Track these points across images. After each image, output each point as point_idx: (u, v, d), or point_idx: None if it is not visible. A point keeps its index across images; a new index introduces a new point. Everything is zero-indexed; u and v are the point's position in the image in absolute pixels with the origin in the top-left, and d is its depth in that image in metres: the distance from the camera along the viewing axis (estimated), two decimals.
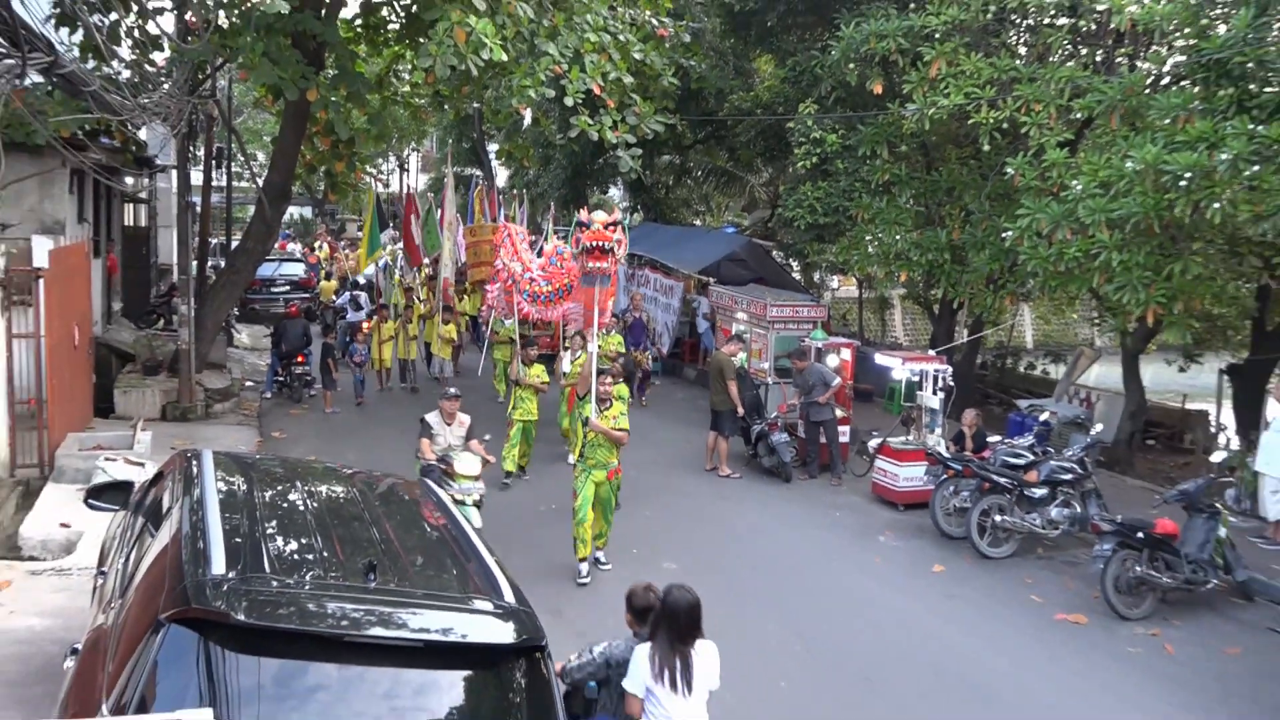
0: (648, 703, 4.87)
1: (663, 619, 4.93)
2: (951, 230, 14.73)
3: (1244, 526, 11.26)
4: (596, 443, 9.32)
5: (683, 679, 4.84)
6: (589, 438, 9.35)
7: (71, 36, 11.68)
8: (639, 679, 4.86)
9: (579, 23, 13.91)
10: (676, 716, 4.85)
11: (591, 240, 9.00)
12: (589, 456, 9.33)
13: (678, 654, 4.86)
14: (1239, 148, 9.72)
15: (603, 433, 9.29)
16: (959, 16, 13.60)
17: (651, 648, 4.90)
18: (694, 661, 4.88)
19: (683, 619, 4.88)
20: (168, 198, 21.90)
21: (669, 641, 4.87)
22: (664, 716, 4.85)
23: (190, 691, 3.51)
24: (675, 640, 4.87)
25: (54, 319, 11.13)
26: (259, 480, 5.41)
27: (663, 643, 4.88)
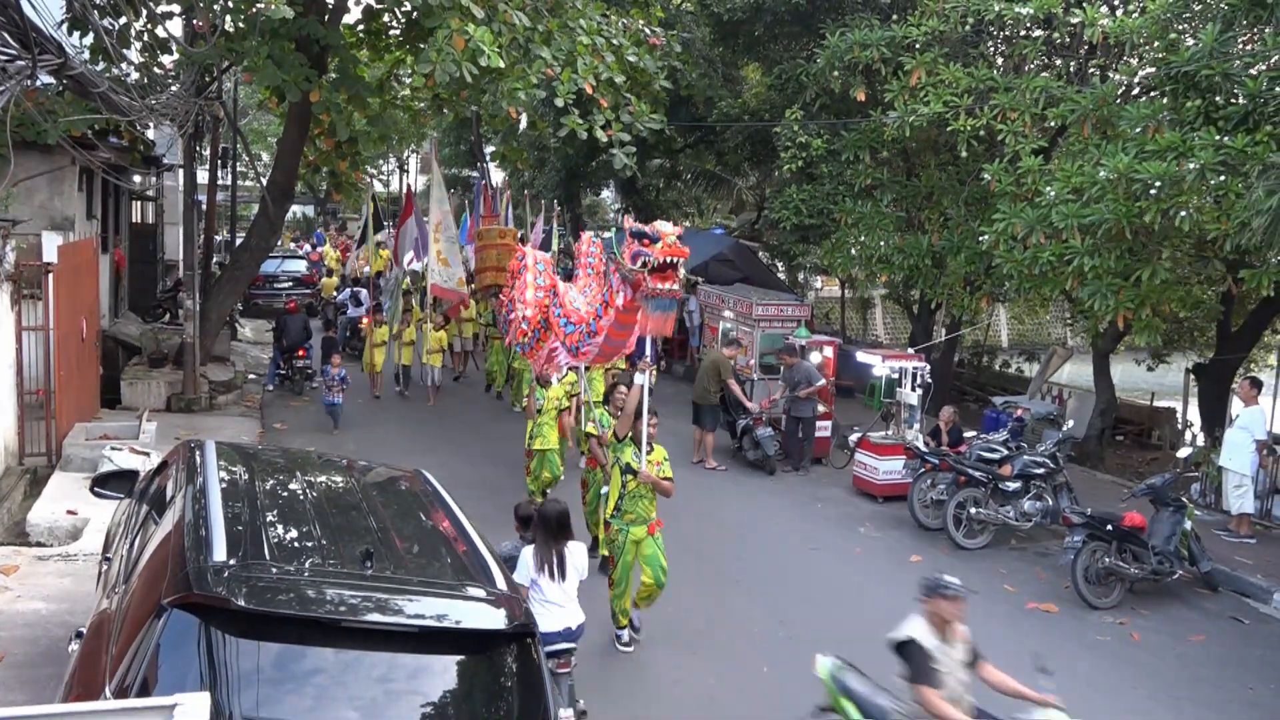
0: (533, 590, 6.17)
1: (540, 525, 6.37)
2: (931, 234, 15.07)
3: (1209, 520, 11.48)
4: (638, 494, 7.99)
5: (557, 570, 6.25)
6: (630, 488, 8.00)
7: (83, 40, 11.93)
8: (525, 573, 6.20)
9: (573, 27, 14.17)
10: (553, 598, 6.23)
11: (664, 256, 7.21)
12: (627, 510, 8.00)
13: (553, 551, 6.28)
14: (1206, 158, 10.06)
15: (652, 485, 8.01)
16: (939, 28, 13.97)
17: (534, 548, 6.29)
18: (566, 556, 6.30)
19: (554, 524, 6.35)
20: (174, 196, 22.03)
21: (546, 542, 6.30)
22: (544, 599, 6.20)
23: (191, 674, 3.54)
24: (550, 541, 6.30)
25: (62, 312, 11.28)
26: (260, 470, 5.42)
27: (541, 543, 6.30)
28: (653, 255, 7.20)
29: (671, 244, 7.27)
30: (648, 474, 7.96)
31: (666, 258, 7.23)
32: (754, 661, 7.90)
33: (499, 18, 12.49)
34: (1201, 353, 15.83)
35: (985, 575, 10.17)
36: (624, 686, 7.51)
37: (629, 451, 8.10)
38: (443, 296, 16.88)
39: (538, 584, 6.19)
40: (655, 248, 7.21)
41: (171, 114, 12.33)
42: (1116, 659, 8.38)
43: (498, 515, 8.18)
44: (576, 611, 6.33)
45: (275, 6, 10.65)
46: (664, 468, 8.18)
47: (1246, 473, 11.35)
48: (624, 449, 8.14)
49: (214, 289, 16.98)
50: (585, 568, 6.47)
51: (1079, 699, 7.70)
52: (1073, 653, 8.48)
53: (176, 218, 20.89)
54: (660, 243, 7.23)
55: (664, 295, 7.43)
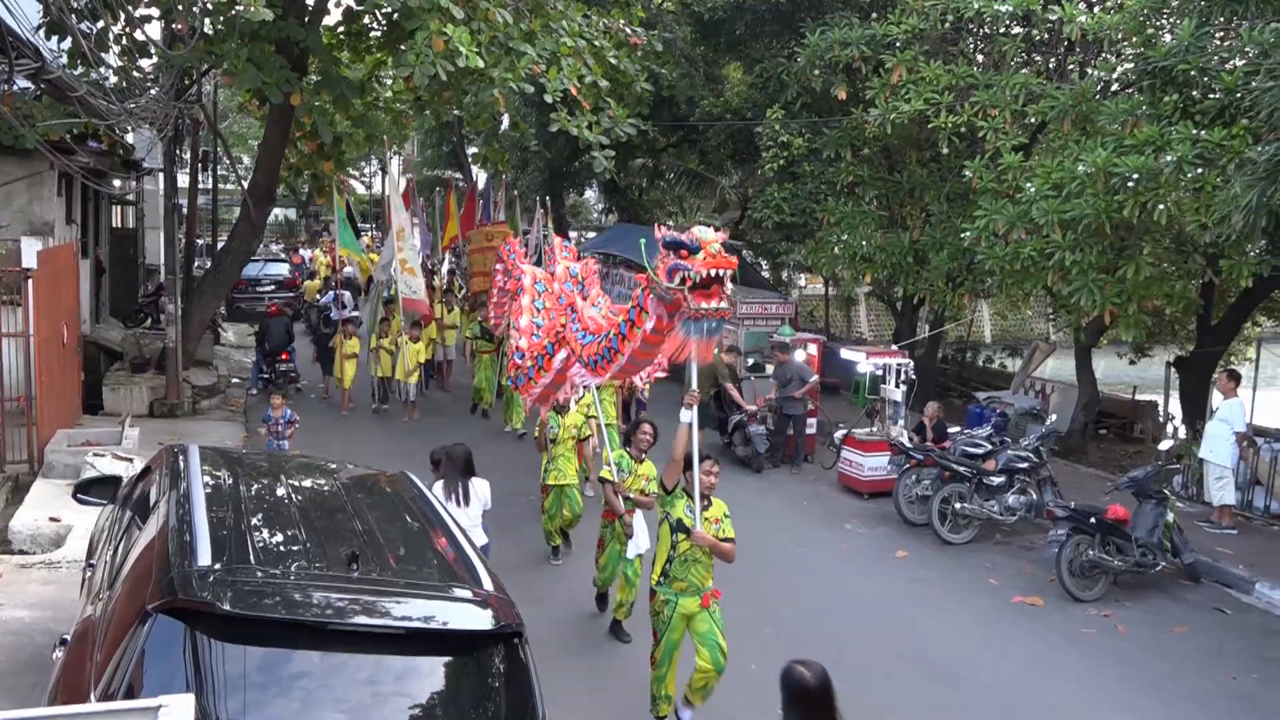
0: None
1: (448, 463, 7.69)
2: (913, 231, 15.15)
3: (1191, 511, 11.57)
4: (691, 558, 6.68)
5: (463, 498, 7.55)
6: (681, 550, 6.69)
7: (60, 44, 11.84)
8: None
9: (555, 28, 14.18)
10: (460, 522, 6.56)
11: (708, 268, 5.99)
12: (676, 577, 6.73)
13: (459, 484, 7.58)
14: (1183, 151, 10.17)
15: (710, 546, 6.69)
16: (919, 26, 14.06)
17: (444, 482, 7.56)
18: (471, 488, 7.62)
19: (461, 462, 7.65)
20: (155, 200, 21.86)
21: (453, 477, 7.59)
22: None
23: (177, 680, 3.52)
24: (457, 476, 7.60)
25: (43, 318, 11.20)
26: (244, 474, 5.40)
27: (450, 478, 7.59)
28: (693, 269, 5.96)
29: (715, 253, 6.02)
30: (703, 534, 6.61)
31: (710, 270, 5.98)
32: (742, 659, 7.86)
33: (479, 16, 12.48)
34: (1182, 346, 15.94)
35: (971, 570, 10.25)
36: (612, 685, 7.52)
37: (680, 505, 6.74)
38: (411, 308, 15.98)
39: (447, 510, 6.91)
40: (695, 260, 6.01)
41: (151, 117, 12.30)
42: (1102, 651, 8.44)
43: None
44: (480, 535, 7.53)
45: (254, 9, 10.61)
46: (724, 526, 6.75)
47: (1227, 465, 11.45)
48: (674, 502, 6.77)
49: (196, 293, 16.90)
50: (488, 498, 7.80)
51: (1065, 691, 7.78)
52: (1058, 645, 8.55)
53: (157, 222, 20.75)
54: (701, 253, 6.02)
55: (708, 316, 6.09)
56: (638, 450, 8.25)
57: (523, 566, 9.33)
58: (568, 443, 9.76)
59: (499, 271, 13.31)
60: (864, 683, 7.60)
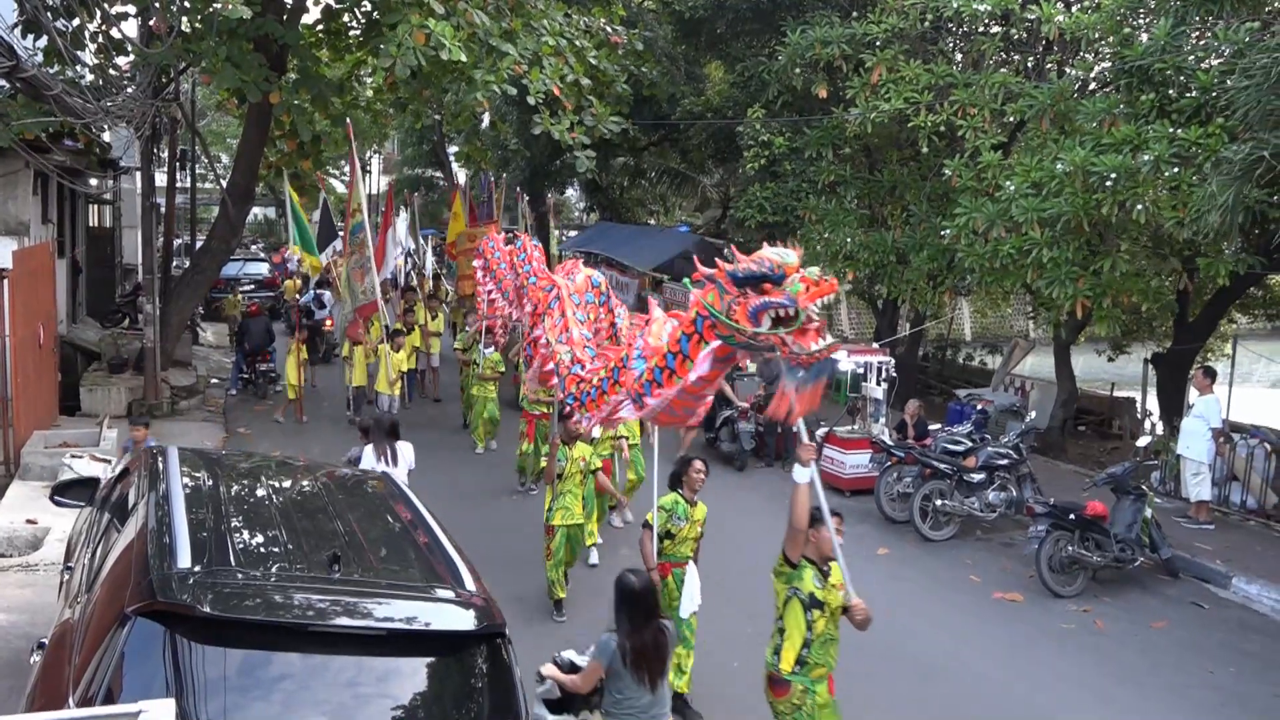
0: None
1: (375, 428, 8.74)
2: (894, 230, 15.21)
3: (1168, 507, 11.68)
4: (829, 637, 5.65)
5: (390, 458, 8.48)
6: (819, 630, 5.60)
7: (36, 42, 11.74)
8: (369, 462, 8.42)
9: (536, 27, 14.16)
10: None
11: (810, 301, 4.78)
12: (815, 663, 5.63)
13: (387, 445, 8.55)
14: (1160, 150, 10.26)
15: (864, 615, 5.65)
16: (898, 25, 14.12)
17: (372, 445, 8.57)
18: (396, 449, 8.58)
19: (387, 428, 8.68)
20: (132, 199, 21.78)
21: (381, 440, 8.58)
22: None
23: (156, 683, 3.50)
24: (384, 440, 8.58)
25: (18, 319, 11.12)
26: (224, 475, 5.38)
27: (377, 442, 8.57)
28: (794, 304, 4.73)
29: (813, 278, 4.80)
30: (863, 605, 5.59)
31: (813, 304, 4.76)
32: (723, 657, 7.91)
33: (459, 15, 12.45)
34: (1160, 343, 16.08)
35: (951, 566, 10.30)
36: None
37: (809, 576, 5.58)
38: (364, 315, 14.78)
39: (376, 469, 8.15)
40: (789, 291, 4.76)
41: (128, 116, 12.20)
42: (1081, 646, 8.50)
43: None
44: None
45: (232, 6, 10.58)
46: (851, 593, 5.65)
47: (1204, 460, 11.56)
48: (801, 575, 5.60)
49: (174, 293, 16.78)
50: (412, 459, 8.74)
51: (1045, 686, 7.83)
52: (1039, 640, 8.61)
53: (134, 221, 20.65)
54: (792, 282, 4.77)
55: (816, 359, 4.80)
56: (691, 491, 7.16)
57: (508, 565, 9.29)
58: (575, 478, 8.75)
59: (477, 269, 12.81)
60: (845, 679, 7.54)
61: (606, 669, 5.13)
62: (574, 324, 7.92)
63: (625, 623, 5.17)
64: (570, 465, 8.70)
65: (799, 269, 4.81)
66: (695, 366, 5.32)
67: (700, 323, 5.18)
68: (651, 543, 7.01)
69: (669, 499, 7.20)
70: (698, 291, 5.34)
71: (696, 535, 7.20)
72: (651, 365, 5.84)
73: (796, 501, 5.53)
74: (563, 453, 8.69)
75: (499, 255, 11.76)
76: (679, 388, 5.57)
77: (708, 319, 5.09)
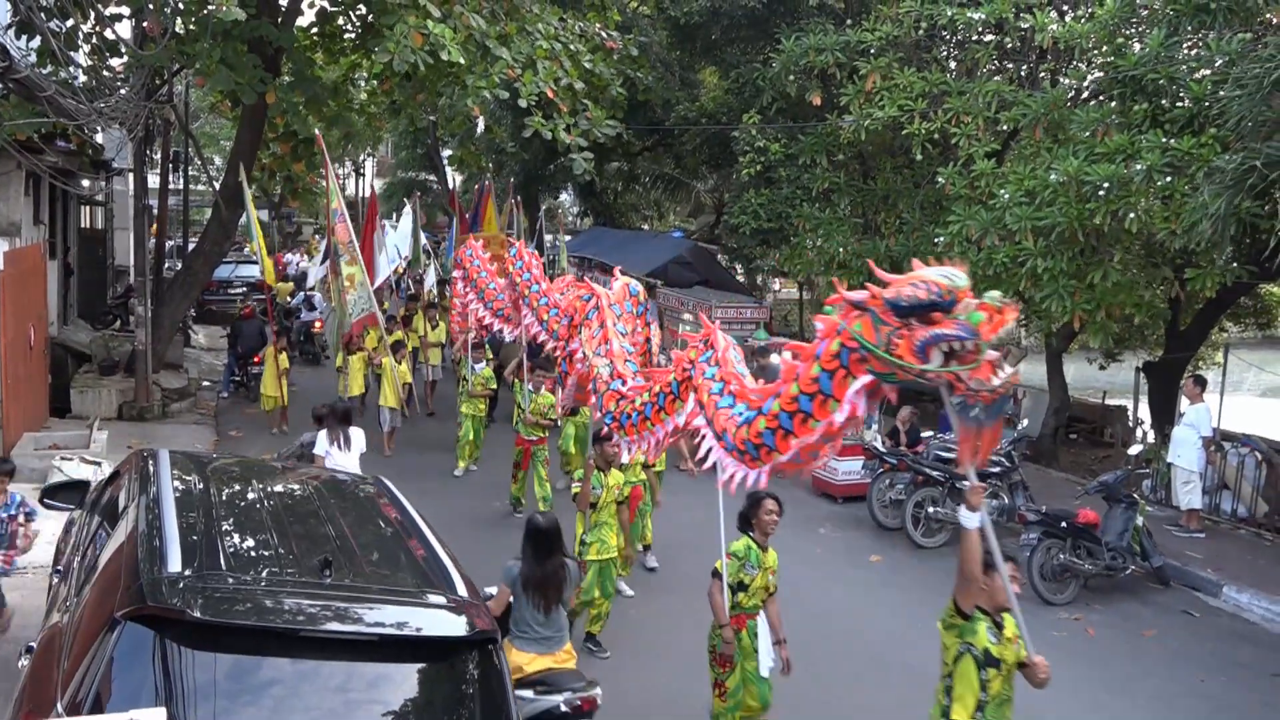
0: (327, 459, 8.78)
1: (330, 416, 9.13)
2: (888, 238, 15.24)
3: (1160, 515, 11.69)
4: (1004, 697, 5.03)
5: (344, 443, 8.95)
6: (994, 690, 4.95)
7: (29, 43, 11.71)
8: (322, 446, 8.91)
9: (531, 31, 14.16)
10: (341, 463, 8.70)
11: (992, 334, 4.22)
12: None
13: (340, 431, 8.99)
14: (1153, 160, 10.28)
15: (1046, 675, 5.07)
16: (893, 33, 14.15)
17: (325, 431, 9.01)
18: (350, 435, 9.03)
19: (341, 415, 9.14)
20: (125, 200, 21.67)
21: (334, 426, 9.02)
22: (335, 463, 8.64)
23: (146, 689, 3.49)
24: (338, 426, 9.03)
25: (9, 320, 11.11)
26: (215, 479, 5.34)
27: (331, 427, 9.02)
28: (975, 337, 4.14)
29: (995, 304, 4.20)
30: (1044, 662, 5.01)
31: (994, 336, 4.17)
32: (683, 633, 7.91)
33: (454, 16, 12.47)
34: (1151, 351, 16.12)
35: (943, 573, 10.18)
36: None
37: (983, 630, 4.93)
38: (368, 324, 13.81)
39: (330, 454, 8.91)
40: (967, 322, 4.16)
41: (121, 117, 12.17)
42: (1072, 654, 8.48)
43: None
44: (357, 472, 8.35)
45: (227, 8, 10.54)
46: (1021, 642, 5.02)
47: (1194, 469, 11.59)
48: (975, 629, 4.93)
49: (166, 295, 16.72)
50: (364, 443, 9.24)
51: (1036, 693, 7.80)
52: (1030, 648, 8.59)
53: (127, 223, 20.56)
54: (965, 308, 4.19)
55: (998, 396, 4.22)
56: (763, 535, 6.42)
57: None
58: (611, 507, 8.06)
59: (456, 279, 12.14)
60: (837, 686, 7.68)
61: (512, 593, 5.83)
62: (614, 335, 7.26)
63: (530, 556, 5.84)
64: (606, 494, 7.99)
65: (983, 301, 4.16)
66: (841, 407, 4.63)
67: (847, 356, 4.55)
68: (722, 594, 6.27)
69: (740, 545, 6.39)
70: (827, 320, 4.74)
71: (768, 585, 6.41)
72: (773, 410, 5.00)
73: (968, 548, 4.82)
74: (598, 479, 8.01)
75: (479, 264, 11.39)
76: (819, 433, 4.82)
77: (856, 352, 4.47)
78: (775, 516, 6.38)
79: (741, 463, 5.37)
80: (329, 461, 8.78)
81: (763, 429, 5.07)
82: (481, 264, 11.40)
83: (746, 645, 6.34)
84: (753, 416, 5.19)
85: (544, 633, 5.82)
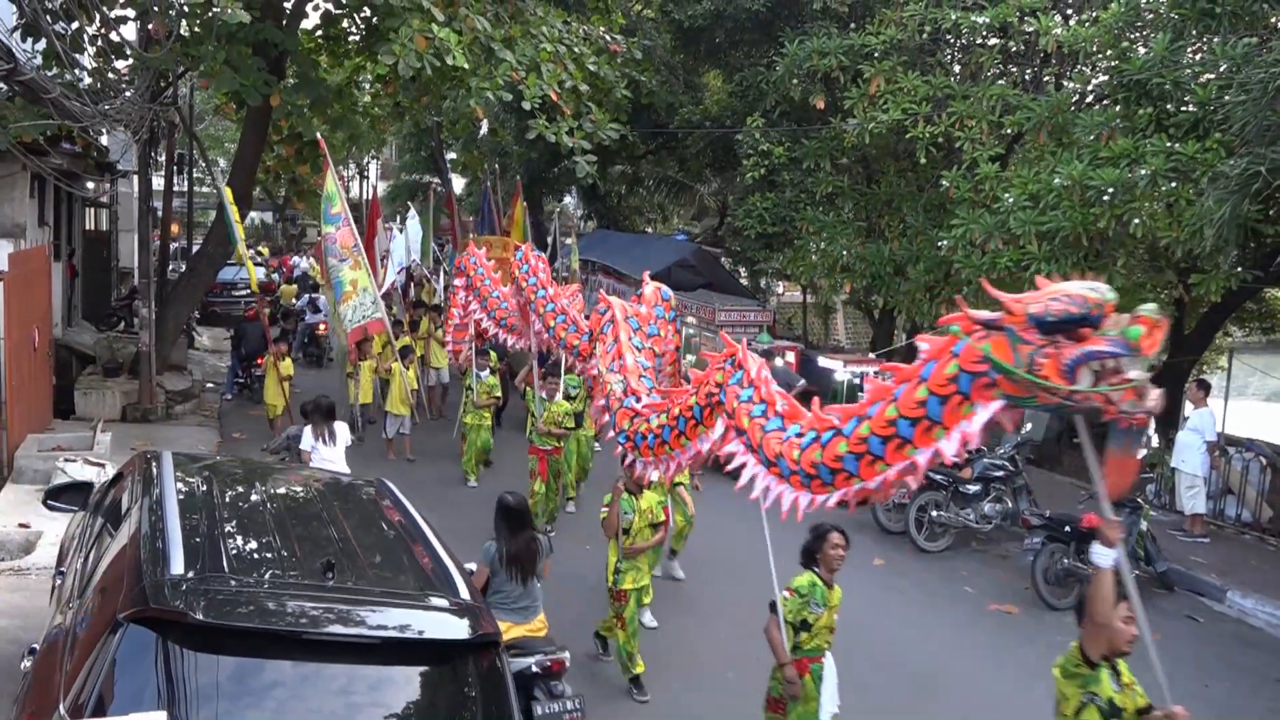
0: (314, 453, 8.98)
1: (315, 412, 9.20)
2: (891, 241, 15.24)
3: (1163, 520, 11.71)
4: None
5: (329, 438, 9.06)
6: None
7: (35, 45, 11.74)
8: (308, 441, 9.07)
9: (535, 34, 14.18)
10: (328, 456, 8.97)
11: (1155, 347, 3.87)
12: None
13: (325, 426, 9.10)
14: (1157, 164, 10.26)
15: None
16: (897, 36, 14.17)
17: (311, 426, 9.12)
18: (335, 430, 9.14)
19: (325, 411, 9.20)
20: (129, 202, 21.73)
21: (319, 422, 9.12)
22: (322, 459, 8.92)
23: (148, 691, 3.49)
24: (323, 421, 9.13)
25: (14, 321, 11.07)
26: (218, 481, 5.34)
27: (316, 423, 9.12)
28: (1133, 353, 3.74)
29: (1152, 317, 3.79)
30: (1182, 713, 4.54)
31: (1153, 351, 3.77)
32: (718, 668, 7.91)
33: (460, 19, 12.49)
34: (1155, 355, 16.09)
35: (947, 577, 10.30)
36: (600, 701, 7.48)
37: (1105, 679, 4.56)
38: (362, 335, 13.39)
39: (316, 448, 9.05)
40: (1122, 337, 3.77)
41: (126, 120, 12.20)
42: None
43: None
44: (344, 466, 8.92)
45: (231, 11, 10.57)
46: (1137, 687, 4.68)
47: (1199, 474, 11.57)
48: (1099, 677, 4.55)
49: (170, 297, 16.76)
50: (348, 437, 9.43)
51: (1039, 699, 7.80)
52: (1033, 652, 8.55)
53: (131, 225, 20.60)
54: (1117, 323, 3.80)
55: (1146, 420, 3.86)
56: (829, 571, 5.96)
57: None
58: (644, 533, 7.56)
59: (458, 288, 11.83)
60: (840, 690, 7.66)
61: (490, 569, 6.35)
62: (629, 349, 6.81)
63: (504, 532, 6.38)
64: (638, 519, 7.49)
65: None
66: (948, 435, 4.19)
67: (969, 381, 4.07)
68: (780, 632, 5.82)
69: (804, 580, 5.93)
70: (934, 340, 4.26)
71: (832, 624, 5.98)
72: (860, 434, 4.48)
73: (1101, 589, 4.40)
74: (629, 503, 7.47)
75: (483, 271, 11.09)
76: (911, 460, 4.35)
77: (982, 375, 4.01)
78: (841, 551, 5.94)
79: (807, 488, 4.87)
80: (315, 456, 8.96)
81: (843, 452, 4.61)
82: (485, 271, 11.17)
83: (809, 688, 5.91)
84: (829, 438, 4.69)
85: (521, 603, 6.36)
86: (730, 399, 5.40)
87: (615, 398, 6.59)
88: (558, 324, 8.82)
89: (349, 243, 13.03)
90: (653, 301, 7.38)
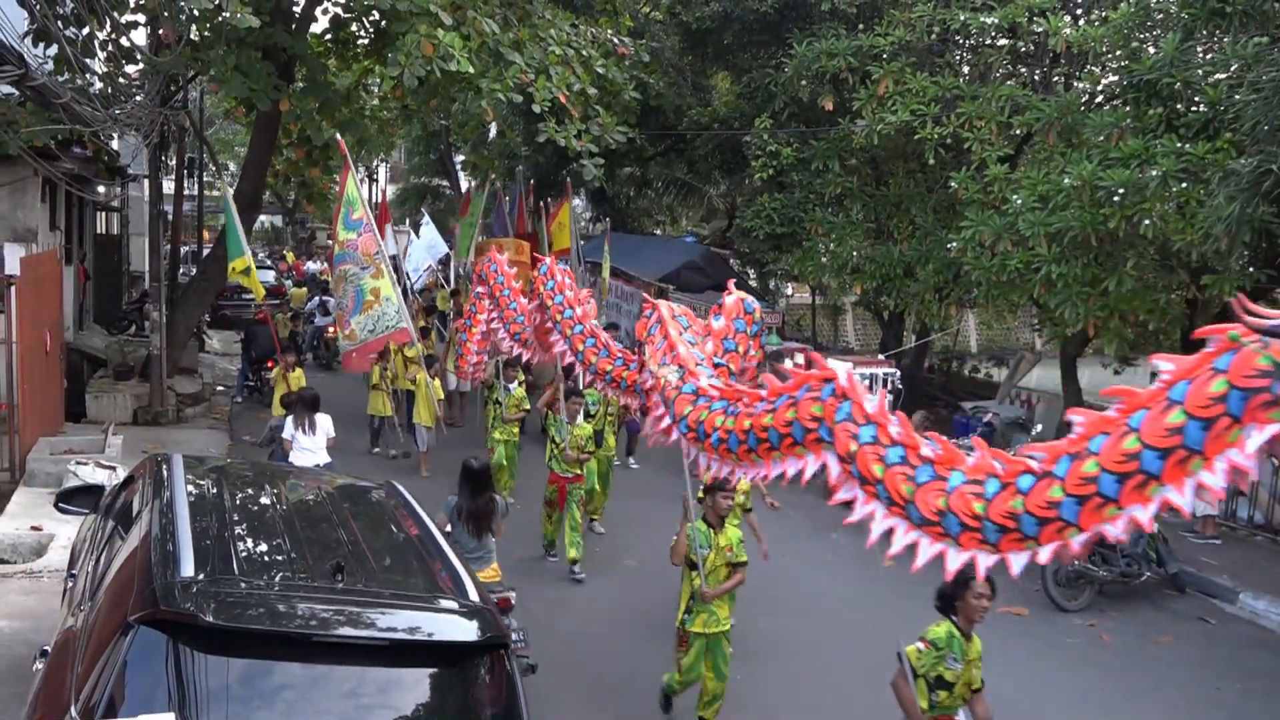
0: (295, 442, 9.51)
1: (298, 403, 9.80)
2: (901, 243, 15.21)
3: (1175, 522, 11.42)
4: None
5: (309, 427, 9.56)
6: None
7: (46, 50, 11.81)
8: (289, 430, 9.59)
9: (544, 37, 14.21)
10: (308, 446, 9.51)
11: None
12: None
13: (305, 417, 9.60)
14: (1168, 165, 10.19)
15: None
16: (905, 37, 14.13)
17: (293, 417, 9.68)
18: (316, 420, 9.64)
19: (308, 403, 9.74)
20: (140, 206, 21.86)
21: (301, 413, 9.65)
22: (301, 447, 9.50)
23: (159, 693, 3.50)
24: (305, 412, 9.65)
25: (26, 325, 11.13)
26: (229, 483, 5.39)
27: (298, 414, 9.66)
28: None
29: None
30: None
31: None
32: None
33: (469, 24, 12.51)
34: None
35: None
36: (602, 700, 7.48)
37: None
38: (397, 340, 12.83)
39: (296, 438, 9.51)
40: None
41: (136, 124, 12.26)
42: (1086, 660, 8.50)
43: None
44: (324, 455, 9.61)
45: (241, 16, 10.63)
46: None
47: None
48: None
49: (181, 300, 16.83)
50: (330, 428, 9.76)
51: (1051, 701, 7.81)
52: (1044, 655, 8.59)
53: (142, 228, 20.71)
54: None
55: None
56: (968, 621, 5.37)
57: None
58: (720, 571, 6.57)
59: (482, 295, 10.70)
60: (849, 692, 7.67)
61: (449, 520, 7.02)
62: (680, 342, 6.10)
63: (466, 492, 7.18)
64: (715, 555, 6.48)
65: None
66: (1211, 465, 3.43)
67: (1242, 400, 3.36)
68: (910, 686, 5.29)
69: (941, 631, 5.34)
70: (1181, 360, 3.58)
71: (972, 680, 5.37)
72: (1084, 473, 3.57)
73: None
74: (706, 538, 6.51)
75: (503, 280, 10.15)
76: (1159, 499, 3.51)
77: (1263, 393, 3.32)
78: (986, 602, 5.28)
79: (992, 545, 4.00)
80: (295, 445, 9.53)
81: (1060, 498, 3.65)
82: (506, 280, 10.13)
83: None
84: (1031, 483, 3.75)
85: (476, 554, 7.07)
86: (847, 439, 4.34)
87: (672, 386, 5.81)
88: (587, 348, 7.75)
89: (371, 249, 12.37)
90: (733, 313, 6.48)
